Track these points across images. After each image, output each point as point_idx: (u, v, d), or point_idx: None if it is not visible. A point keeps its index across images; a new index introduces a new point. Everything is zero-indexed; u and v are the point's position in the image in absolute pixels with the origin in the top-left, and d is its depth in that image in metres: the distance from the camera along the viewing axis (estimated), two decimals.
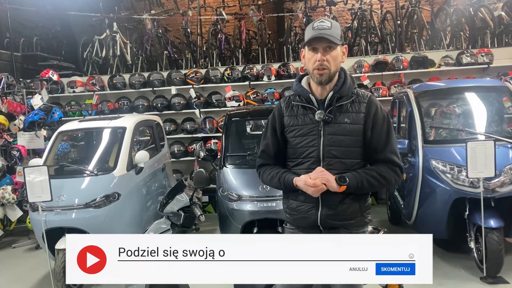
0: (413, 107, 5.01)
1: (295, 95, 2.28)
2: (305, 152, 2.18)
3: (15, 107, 6.89)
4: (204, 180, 3.45)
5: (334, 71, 2.16)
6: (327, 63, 2.11)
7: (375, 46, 9.03)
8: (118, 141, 5.23)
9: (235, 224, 4.48)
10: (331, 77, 2.15)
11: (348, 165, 2.15)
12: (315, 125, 2.17)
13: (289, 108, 2.27)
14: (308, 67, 2.18)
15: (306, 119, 2.20)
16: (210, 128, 7.68)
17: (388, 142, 2.18)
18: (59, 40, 10.56)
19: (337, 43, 2.11)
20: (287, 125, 2.25)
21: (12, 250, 6.25)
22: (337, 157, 2.14)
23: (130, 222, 4.90)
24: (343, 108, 2.17)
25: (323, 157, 2.15)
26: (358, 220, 2.19)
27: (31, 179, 4.30)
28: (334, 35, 2.10)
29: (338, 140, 2.14)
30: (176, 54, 9.48)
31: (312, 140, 2.17)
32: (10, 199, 6.18)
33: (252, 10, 8.96)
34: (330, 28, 2.10)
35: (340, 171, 2.13)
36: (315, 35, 2.09)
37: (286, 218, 2.31)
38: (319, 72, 2.12)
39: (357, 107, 2.18)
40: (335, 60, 2.14)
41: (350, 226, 2.18)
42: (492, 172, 4.09)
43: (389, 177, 2.16)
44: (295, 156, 2.23)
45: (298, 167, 2.21)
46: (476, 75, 7.40)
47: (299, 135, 2.21)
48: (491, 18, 7.83)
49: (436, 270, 4.49)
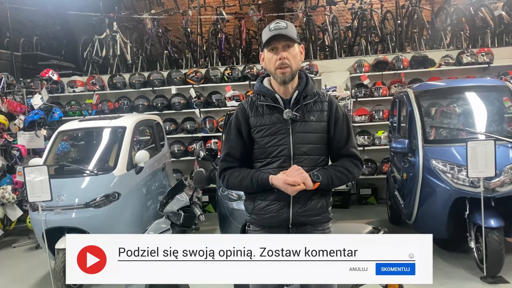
0: (413, 107, 5.01)
1: (259, 95, 2.28)
2: (275, 151, 2.20)
3: (15, 106, 6.89)
4: (204, 179, 3.44)
5: (296, 69, 2.20)
6: (287, 61, 2.15)
7: (375, 46, 9.03)
8: (118, 141, 5.23)
9: (235, 224, 4.49)
10: (293, 75, 2.20)
11: (316, 161, 2.22)
12: (283, 124, 2.20)
13: (254, 108, 2.27)
14: (270, 68, 2.21)
15: (273, 118, 2.22)
16: (210, 128, 7.68)
17: (349, 138, 2.28)
18: (59, 39, 10.56)
19: (295, 41, 2.18)
20: (254, 126, 2.25)
21: (12, 249, 6.25)
22: (306, 154, 2.19)
23: (130, 222, 4.90)
24: (308, 106, 2.23)
25: (294, 154, 2.18)
26: (324, 216, 2.24)
27: (31, 179, 4.30)
28: (291, 33, 2.16)
29: (306, 137, 2.19)
30: (176, 54, 9.48)
31: (281, 138, 2.19)
32: (10, 199, 6.19)
33: (252, 9, 8.96)
34: (286, 27, 2.15)
35: (309, 167, 2.17)
36: (273, 34, 2.14)
37: (251, 219, 2.30)
38: (282, 70, 2.16)
39: (319, 106, 2.25)
40: (295, 58, 2.18)
41: (317, 223, 2.22)
42: (493, 172, 4.09)
43: (353, 171, 2.26)
44: (264, 156, 2.23)
45: (268, 167, 2.22)
46: (476, 75, 7.40)
47: (267, 134, 2.21)
48: (492, 18, 7.82)
49: (437, 269, 4.52)
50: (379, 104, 7.59)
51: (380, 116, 7.47)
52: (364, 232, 2.98)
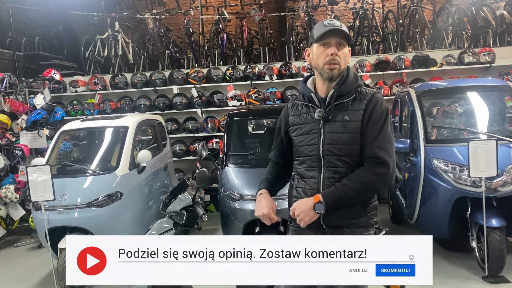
0: (415, 107, 5.00)
1: (300, 95, 2.31)
2: (306, 151, 2.19)
3: (18, 106, 6.91)
4: (207, 179, 3.45)
5: (343, 69, 2.15)
6: (338, 58, 2.10)
7: (377, 45, 9.02)
8: (120, 141, 5.24)
9: (237, 224, 4.48)
10: (341, 73, 2.14)
11: (350, 163, 2.12)
12: (316, 123, 2.17)
13: (294, 107, 2.31)
14: (318, 63, 2.15)
15: (308, 118, 2.21)
16: (212, 128, 7.68)
17: (379, 137, 2.07)
18: (61, 39, 10.59)
19: (349, 40, 2.14)
20: (291, 124, 2.28)
21: (15, 249, 6.27)
22: (337, 154, 2.12)
23: (132, 221, 4.91)
24: (343, 105, 2.15)
25: (323, 155, 2.14)
26: (363, 220, 2.16)
27: (33, 178, 4.32)
28: (347, 32, 2.13)
29: (337, 137, 2.11)
30: (178, 54, 9.49)
31: (312, 138, 2.17)
32: (12, 198, 6.20)
33: (253, 9, 8.95)
34: (341, 26, 2.12)
35: (341, 168, 2.11)
36: (328, 29, 2.09)
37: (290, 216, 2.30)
38: (331, 66, 2.10)
39: (357, 105, 2.14)
40: (345, 58, 2.13)
41: (354, 226, 2.14)
42: (494, 172, 4.09)
43: (368, 182, 2.05)
44: (298, 154, 2.25)
45: (301, 166, 2.23)
46: (478, 75, 7.38)
47: (301, 133, 2.22)
48: (493, 17, 7.81)
49: (438, 269, 4.53)
50: None
51: None
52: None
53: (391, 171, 2.07)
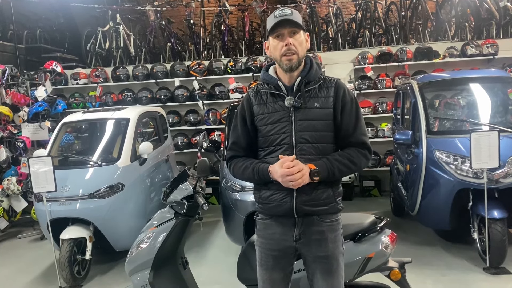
0: (417, 98, 4.99)
1: (263, 84, 2.27)
2: (277, 139, 2.16)
3: (19, 98, 6.92)
4: (207, 169, 3.44)
5: (302, 56, 2.16)
6: (294, 48, 2.11)
7: (379, 38, 8.99)
8: (122, 132, 5.24)
9: (238, 215, 4.50)
10: (299, 62, 2.15)
11: (321, 149, 2.14)
12: (286, 111, 2.16)
13: (258, 96, 2.26)
14: (275, 55, 2.17)
15: (276, 106, 2.19)
16: (213, 120, 7.68)
17: (358, 124, 2.19)
18: (62, 32, 10.57)
19: (301, 27, 2.14)
20: (257, 114, 2.23)
21: (17, 240, 6.30)
22: (310, 142, 2.13)
23: (134, 213, 4.92)
24: (312, 93, 2.18)
25: (296, 143, 2.13)
26: (331, 206, 2.17)
27: (35, 170, 4.33)
28: (297, 19, 2.12)
29: (310, 125, 2.13)
30: (179, 46, 9.47)
31: (283, 126, 2.15)
32: (15, 190, 6.23)
33: (255, 1, 8.91)
34: (292, 14, 2.12)
35: (314, 156, 2.12)
36: (279, 20, 2.10)
37: (259, 208, 2.28)
38: (288, 57, 2.11)
39: (325, 92, 2.18)
40: (301, 45, 2.14)
41: (324, 213, 2.16)
42: (496, 163, 4.08)
43: (359, 162, 2.16)
44: (267, 144, 2.21)
45: (271, 156, 2.19)
46: (481, 66, 7.36)
47: (269, 122, 2.18)
48: (497, 9, 7.77)
49: (439, 260, 4.55)
50: (382, 96, 7.56)
51: (384, 108, 7.45)
52: (367, 222, 2.96)
53: (371, 154, 2.26)
